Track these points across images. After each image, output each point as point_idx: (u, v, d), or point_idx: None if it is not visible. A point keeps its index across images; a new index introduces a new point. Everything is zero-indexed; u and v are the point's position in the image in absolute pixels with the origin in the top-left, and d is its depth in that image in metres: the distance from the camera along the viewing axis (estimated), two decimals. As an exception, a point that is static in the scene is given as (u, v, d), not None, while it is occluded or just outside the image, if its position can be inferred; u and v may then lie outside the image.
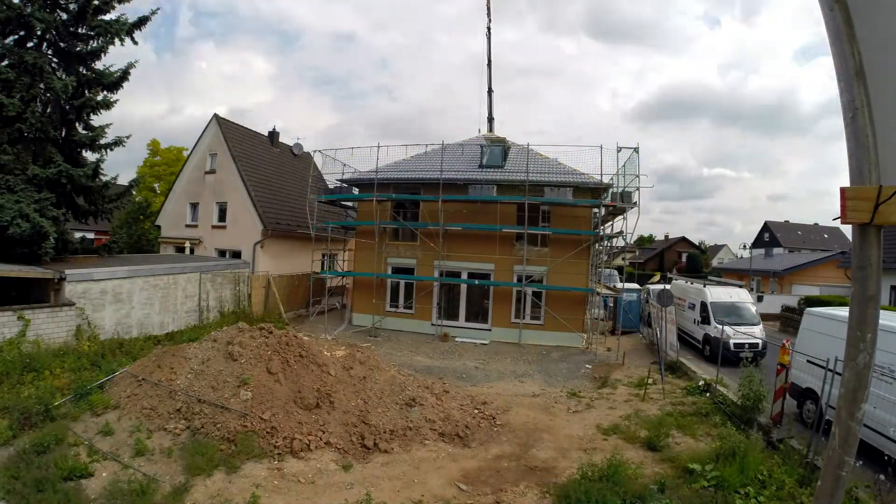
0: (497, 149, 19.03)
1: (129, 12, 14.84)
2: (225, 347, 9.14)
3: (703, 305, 16.07)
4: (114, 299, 13.00)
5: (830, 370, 7.26)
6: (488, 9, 24.32)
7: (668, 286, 18.38)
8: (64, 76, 13.46)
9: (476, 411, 9.57)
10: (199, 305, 16.07)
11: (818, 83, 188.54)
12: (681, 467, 7.25)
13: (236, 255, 20.59)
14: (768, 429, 8.51)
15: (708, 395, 10.71)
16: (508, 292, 17.42)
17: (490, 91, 24.01)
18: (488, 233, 16.93)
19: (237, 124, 23.22)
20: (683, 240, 66.87)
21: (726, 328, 14.00)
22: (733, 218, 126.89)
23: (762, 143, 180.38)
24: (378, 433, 8.09)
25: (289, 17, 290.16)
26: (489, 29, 24.20)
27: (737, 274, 35.80)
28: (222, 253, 21.11)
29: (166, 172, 28.00)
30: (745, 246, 38.26)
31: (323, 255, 20.91)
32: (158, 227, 23.25)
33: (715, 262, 61.86)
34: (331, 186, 19.57)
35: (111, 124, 14.69)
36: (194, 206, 22.24)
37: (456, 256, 17.51)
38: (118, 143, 14.98)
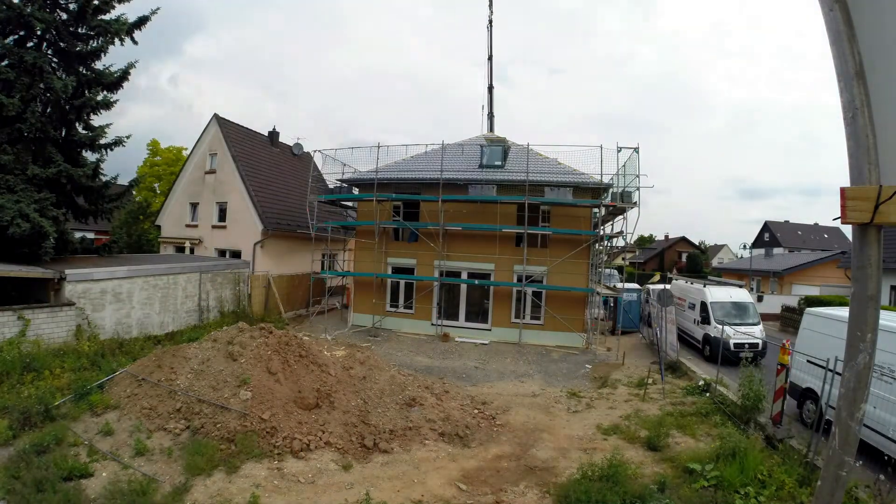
0: (497, 149, 19.01)
1: (128, 12, 14.72)
2: (225, 347, 9.14)
3: (703, 305, 16.07)
4: (114, 299, 13.00)
5: (830, 370, 7.26)
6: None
7: (668, 286, 18.39)
8: (64, 76, 13.45)
9: (476, 411, 9.57)
10: (199, 305, 16.06)
11: None
12: (681, 467, 7.25)
13: (236, 255, 20.58)
14: (768, 429, 8.51)
15: (708, 394, 10.70)
16: (508, 292, 17.42)
17: (491, 87, 23.83)
18: (488, 233, 16.93)
19: (237, 124, 23.20)
20: (683, 240, 66.82)
21: (726, 328, 14.00)
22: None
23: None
24: (378, 433, 8.09)
25: None
26: (490, 21, 23.97)
27: (737, 274, 35.79)
28: (222, 253, 21.10)
29: (166, 172, 28.00)
30: (745, 246, 38.29)
31: (323, 255, 20.91)
32: (158, 227, 23.25)
33: (715, 262, 61.89)
34: (331, 186, 19.57)
35: (111, 124, 14.72)
36: (194, 206, 22.23)
37: (456, 256, 17.51)
38: (118, 143, 14.99)
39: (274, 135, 25.77)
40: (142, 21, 14.55)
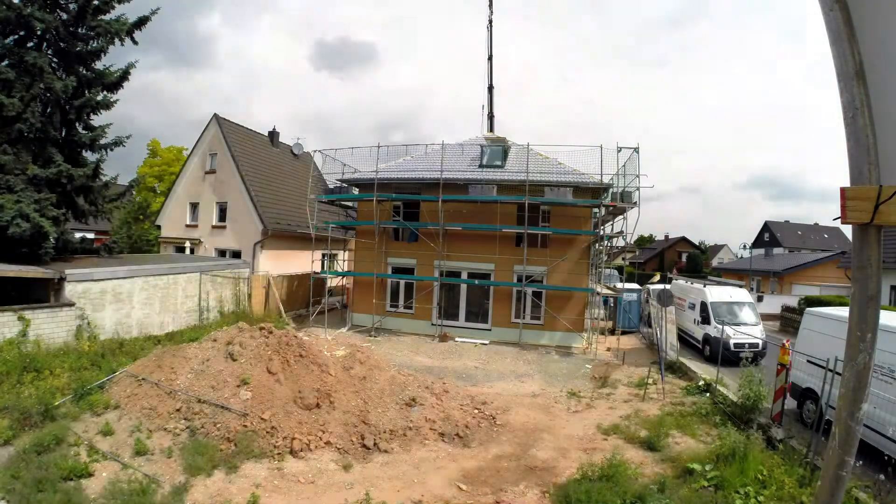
0: (497, 149, 19.01)
1: (129, 12, 14.73)
2: (225, 347, 9.15)
3: (703, 305, 16.06)
4: (114, 299, 12.99)
5: (830, 370, 7.26)
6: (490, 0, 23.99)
7: (668, 286, 18.39)
8: (64, 76, 13.46)
9: (476, 411, 9.57)
10: (199, 305, 16.06)
11: None
12: (681, 467, 7.25)
13: (236, 255, 20.59)
14: (768, 429, 8.51)
15: (708, 394, 10.71)
16: (508, 292, 17.41)
17: (491, 87, 23.80)
18: (488, 233, 16.92)
19: (237, 124, 23.22)
20: (683, 240, 66.84)
21: (726, 328, 14.00)
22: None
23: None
24: (378, 433, 8.09)
25: None
26: (491, 21, 23.93)
27: (737, 274, 35.82)
28: (222, 253, 21.10)
29: (166, 172, 28.03)
30: (745, 246, 38.32)
31: (323, 255, 20.91)
32: (158, 227, 23.26)
33: (715, 262, 61.89)
34: (331, 186, 19.56)
35: (111, 124, 14.73)
36: (194, 206, 22.24)
37: (456, 256, 17.51)
38: (118, 143, 15.00)
39: (274, 135, 25.78)
40: (142, 21, 14.56)
